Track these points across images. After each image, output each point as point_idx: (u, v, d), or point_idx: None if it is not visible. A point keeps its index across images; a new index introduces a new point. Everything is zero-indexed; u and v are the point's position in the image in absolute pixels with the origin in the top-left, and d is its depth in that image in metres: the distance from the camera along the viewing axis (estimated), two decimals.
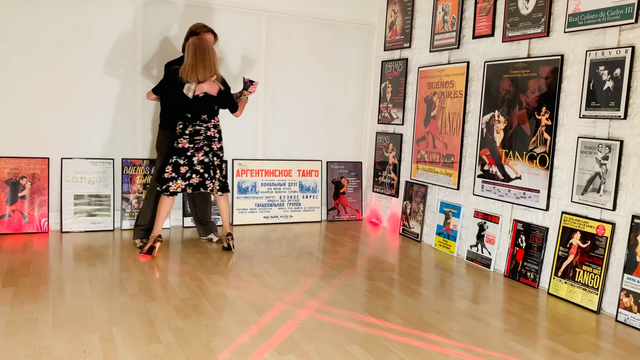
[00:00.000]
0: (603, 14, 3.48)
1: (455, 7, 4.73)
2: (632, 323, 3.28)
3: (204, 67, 4.15)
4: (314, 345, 2.80)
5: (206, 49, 4.17)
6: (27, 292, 3.31)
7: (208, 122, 4.29)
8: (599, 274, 3.47)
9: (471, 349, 2.86)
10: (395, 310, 3.34)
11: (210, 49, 4.20)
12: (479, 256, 4.43)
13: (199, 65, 4.14)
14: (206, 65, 4.16)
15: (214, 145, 4.32)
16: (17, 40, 4.61)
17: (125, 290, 3.44)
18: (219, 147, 4.36)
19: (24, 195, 4.71)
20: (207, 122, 4.28)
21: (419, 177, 5.20)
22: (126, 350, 2.63)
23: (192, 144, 4.24)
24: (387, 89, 5.70)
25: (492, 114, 4.35)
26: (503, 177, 4.25)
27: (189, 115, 4.24)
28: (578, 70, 3.69)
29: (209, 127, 4.29)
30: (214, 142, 4.32)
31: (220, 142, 4.38)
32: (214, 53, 4.22)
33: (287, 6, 5.51)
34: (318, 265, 4.21)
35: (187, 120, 4.25)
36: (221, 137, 4.39)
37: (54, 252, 4.22)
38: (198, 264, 4.06)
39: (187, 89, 4.12)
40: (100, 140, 4.98)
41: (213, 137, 4.31)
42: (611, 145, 3.45)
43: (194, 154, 4.24)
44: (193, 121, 4.24)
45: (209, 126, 4.29)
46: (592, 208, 3.59)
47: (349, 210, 5.96)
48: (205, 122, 4.27)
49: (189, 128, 4.24)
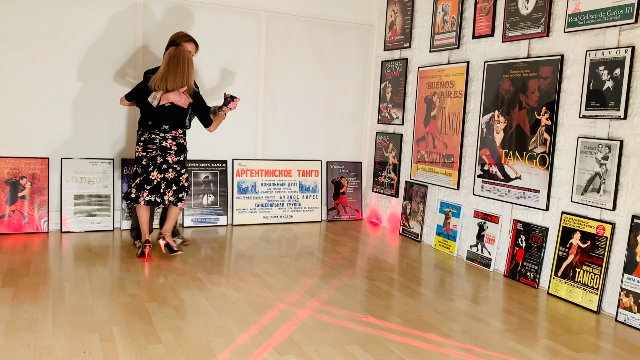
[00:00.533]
0: (603, 14, 3.48)
1: (455, 7, 4.73)
2: (632, 323, 3.28)
3: (175, 77, 4.05)
4: (314, 345, 2.80)
5: (180, 60, 4.07)
6: (27, 292, 3.31)
7: (167, 133, 4.12)
8: (599, 274, 3.47)
9: (471, 349, 2.86)
10: (395, 310, 3.34)
11: (185, 59, 4.10)
12: (479, 256, 4.43)
13: (170, 75, 4.04)
14: (177, 75, 4.05)
15: (169, 157, 4.12)
16: (16, 40, 4.61)
17: (125, 290, 3.44)
18: (176, 161, 4.15)
19: (23, 195, 4.71)
20: (166, 132, 4.11)
21: (418, 177, 5.20)
22: (126, 350, 2.63)
23: (145, 152, 4.13)
24: (387, 89, 5.70)
25: (492, 114, 4.35)
26: (503, 177, 4.25)
27: (150, 123, 4.12)
28: (578, 70, 3.69)
29: (167, 137, 4.12)
30: (170, 154, 4.12)
31: (179, 156, 4.16)
32: (189, 64, 4.12)
33: (287, 6, 5.51)
34: (318, 266, 4.21)
35: (146, 127, 4.13)
36: (181, 151, 4.17)
37: (54, 252, 4.22)
38: (198, 264, 4.06)
39: (153, 97, 4.02)
40: (100, 141, 4.98)
41: (169, 149, 4.12)
42: (611, 145, 3.45)
43: (149, 164, 4.12)
44: (151, 129, 4.11)
45: (167, 137, 4.12)
46: (592, 208, 3.59)
47: (349, 210, 5.96)
48: (164, 132, 4.11)
49: (144, 135, 4.13)
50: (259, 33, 5.45)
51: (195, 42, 4.38)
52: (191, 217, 5.26)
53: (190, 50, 4.27)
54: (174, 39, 4.30)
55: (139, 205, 4.19)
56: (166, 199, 4.15)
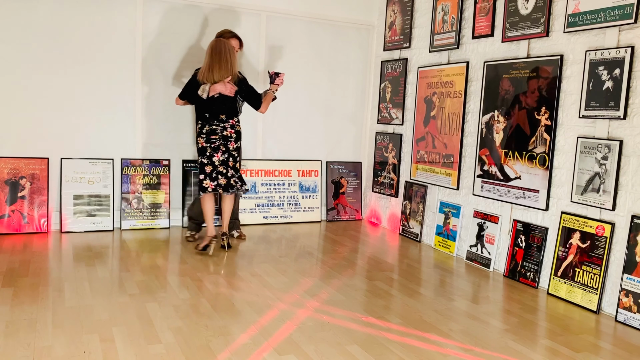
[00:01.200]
0: (602, 14, 3.48)
1: (454, 7, 4.73)
2: (631, 323, 3.28)
3: (219, 67, 4.25)
4: (314, 345, 2.80)
5: (222, 50, 4.26)
6: (26, 293, 3.31)
7: (225, 122, 4.34)
8: (599, 274, 3.48)
9: (471, 349, 2.86)
10: (395, 310, 3.34)
11: (227, 50, 4.28)
12: (479, 256, 4.43)
13: (215, 66, 4.24)
14: (222, 65, 4.25)
15: (230, 145, 4.37)
16: (16, 40, 4.61)
17: (125, 290, 3.44)
18: (234, 148, 4.39)
19: (23, 196, 4.71)
20: (224, 122, 4.34)
21: (418, 177, 5.20)
22: (126, 351, 2.63)
23: (208, 143, 4.33)
24: (386, 89, 5.70)
25: (492, 114, 4.35)
26: (503, 177, 4.25)
27: (207, 115, 4.33)
28: (577, 70, 3.69)
29: (226, 127, 4.34)
30: (230, 141, 4.36)
31: (237, 143, 4.41)
32: (232, 54, 4.30)
33: (287, 6, 5.51)
34: (318, 266, 4.21)
35: (205, 120, 4.34)
36: (239, 138, 4.43)
37: (54, 252, 4.22)
38: (198, 264, 4.06)
39: (202, 90, 4.24)
40: (100, 141, 4.98)
41: (229, 137, 4.36)
42: (611, 145, 3.45)
43: (213, 154, 4.33)
44: (210, 121, 4.32)
45: (226, 126, 4.35)
46: (592, 208, 3.59)
47: (349, 210, 5.96)
48: (222, 122, 4.34)
49: (205, 127, 4.33)
50: (259, 33, 5.45)
51: (240, 39, 4.59)
52: None
53: (234, 46, 4.47)
54: (219, 35, 4.51)
55: (204, 197, 4.40)
56: (231, 182, 4.38)
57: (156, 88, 5.11)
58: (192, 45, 5.19)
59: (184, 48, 5.16)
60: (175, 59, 5.14)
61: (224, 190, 4.38)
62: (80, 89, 4.85)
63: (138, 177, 5.08)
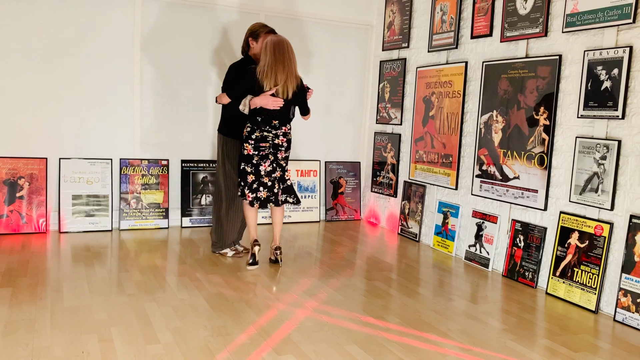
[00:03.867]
0: (601, 14, 3.48)
1: (453, 7, 4.73)
2: (630, 323, 3.28)
3: (283, 67, 3.86)
4: (313, 345, 2.80)
5: (285, 48, 3.87)
6: (25, 293, 3.30)
7: (278, 129, 3.96)
8: (597, 274, 3.48)
9: (469, 348, 2.86)
10: (393, 310, 3.34)
11: (289, 47, 3.90)
12: (477, 256, 4.43)
13: (279, 66, 3.85)
14: (285, 64, 3.86)
15: (279, 154, 4.00)
16: (14, 40, 4.60)
17: (124, 290, 3.44)
18: (283, 157, 4.04)
19: (22, 196, 4.70)
20: (277, 128, 3.95)
21: (417, 177, 5.20)
22: (124, 351, 2.62)
23: (256, 150, 3.95)
24: (385, 89, 5.70)
25: (491, 113, 4.35)
26: (501, 177, 4.25)
27: (259, 119, 3.92)
28: (576, 70, 3.70)
29: (278, 134, 3.96)
30: (280, 151, 4.00)
31: (287, 152, 4.05)
32: (293, 52, 3.93)
33: (286, 6, 5.51)
34: (316, 265, 4.21)
35: (257, 124, 3.93)
36: (289, 147, 4.06)
37: (52, 252, 4.21)
38: (196, 264, 4.06)
39: (243, 104, 3.93)
40: (99, 141, 4.97)
41: (280, 146, 3.99)
42: (609, 145, 3.45)
43: (260, 163, 3.96)
44: (262, 126, 3.92)
45: (278, 133, 3.96)
46: (590, 208, 3.60)
47: (348, 210, 5.96)
48: (275, 129, 3.95)
49: (255, 133, 3.93)
50: None
51: (275, 32, 4.19)
52: (189, 217, 5.26)
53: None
54: (253, 29, 4.18)
55: (248, 206, 4.05)
56: (278, 198, 4.04)
57: (155, 88, 5.10)
58: (191, 45, 5.18)
59: (182, 48, 5.16)
60: (174, 58, 5.14)
61: (273, 203, 4.04)
62: (79, 88, 4.85)
63: (137, 177, 5.08)
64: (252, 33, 4.19)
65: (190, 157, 5.32)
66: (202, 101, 5.30)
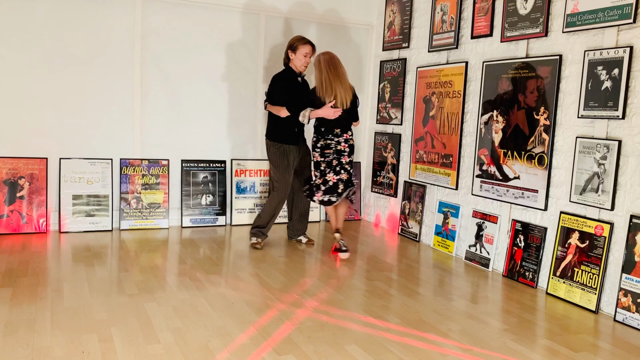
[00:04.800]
0: (601, 14, 3.48)
1: (453, 7, 4.73)
2: (630, 323, 3.28)
3: (340, 81, 4.32)
4: (313, 345, 2.80)
5: (337, 63, 4.34)
6: (25, 293, 3.31)
7: (340, 137, 4.37)
8: (597, 274, 3.48)
9: (470, 348, 2.86)
10: (394, 310, 3.34)
11: (339, 62, 4.37)
12: (478, 256, 4.43)
13: (336, 80, 4.30)
14: (341, 78, 4.32)
15: (342, 159, 4.39)
16: (15, 40, 4.60)
17: (124, 290, 3.44)
18: (347, 162, 4.42)
19: (22, 196, 4.70)
20: (339, 135, 4.37)
21: (417, 177, 5.20)
22: (125, 351, 2.62)
23: (322, 157, 4.39)
24: (385, 89, 5.70)
25: (491, 114, 4.35)
26: (501, 177, 4.25)
27: (323, 129, 4.37)
28: (576, 70, 3.70)
29: (340, 141, 4.37)
30: (344, 156, 4.39)
31: (350, 157, 4.42)
32: (343, 66, 4.40)
33: (286, 6, 5.51)
34: (317, 265, 4.21)
35: (320, 133, 4.38)
36: (352, 152, 4.44)
37: (53, 252, 4.21)
38: (197, 264, 4.06)
39: (302, 116, 4.34)
40: (99, 141, 4.97)
41: (343, 151, 4.38)
42: (609, 145, 3.45)
43: (326, 170, 4.39)
44: (325, 135, 4.37)
45: (340, 140, 4.37)
46: (591, 208, 3.60)
47: (348, 210, 5.96)
48: (337, 137, 4.37)
49: (320, 142, 4.38)
50: (257, 33, 5.45)
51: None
52: (190, 217, 5.26)
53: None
54: (292, 44, 4.53)
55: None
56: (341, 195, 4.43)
57: (155, 88, 5.10)
58: (191, 45, 5.19)
59: (183, 47, 5.16)
60: (174, 58, 5.14)
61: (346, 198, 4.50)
62: (79, 88, 4.85)
63: (137, 177, 5.08)
64: (291, 46, 4.55)
65: (190, 157, 5.32)
66: (202, 101, 5.30)
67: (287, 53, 4.58)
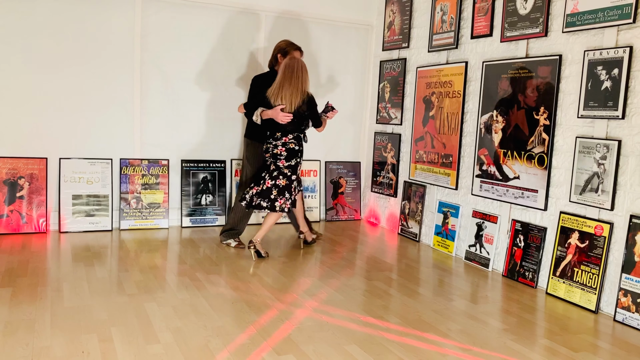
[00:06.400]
0: (601, 14, 3.48)
1: (453, 7, 4.73)
2: (630, 322, 3.28)
3: (290, 84, 4.25)
4: (313, 345, 2.80)
5: (295, 69, 4.28)
6: (25, 293, 3.31)
7: (278, 140, 4.33)
8: (597, 274, 3.48)
9: (470, 348, 2.86)
10: (393, 310, 3.34)
11: (300, 68, 4.29)
12: (478, 256, 4.43)
13: (286, 84, 4.26)
14: (292, 82, 4.25)
15: (280, 162, 4.33)
16: (14, 40, 4.60)
17: (124, 290, 3.44)
18: (285, 166, 4.33)
19: (22, 196, 4.70)
20: (278, 139, 4.34)
21: (417, 177, 5.20)
22: (124, 351, 2.63)
23: (265, 160, 4.46)
24: (385, 89, 5.70)
25: (491, 113, 4.35)
26: (501, 177, 4.25)
27: (268, 133, 4.41)
28: (576, 70, 3.70)
29: (277, 144, 4.33)
30: (280, 159, 4.33)
31: (289, 161, 4.32)
32: (304, 72, 4.31)
33: (286, 6, 5.51)
34: (316, 265, 4.21)
35: (266, 137, 4.44)
36: (290, 156, 4.32)
37: (52, 252, 4.21)
38: (196, 264, 4.06)
39: (256, 115, 4.33)
40: (99, 140, 4.97)
41: (279, 155, 4.33)
42: (609, 145, 3.45)
43: (264, 173, 4.41)
44: (268, 138, 4.40)
45: (277, 144, 4.33)
46: (590, 208, 3.60)
47: (348, 210, 5.96)
48: (275, 140, 4.34)
49: (264, 145, 4.44)
50: (258, 33, 5.45)
51: (301, 49, 4.58)
52: (190, 217, 5.26)
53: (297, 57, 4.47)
54: (282, 47, 4.54)
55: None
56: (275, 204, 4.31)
57: (155, 88, 5.10)
58: (190, 45, 5.19)
59: (182, 47, 5.16)
60: (174, 58, 5.14)
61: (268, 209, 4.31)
62: (79, 88, 4.85)
63: (137, 177, 5.08)
64: (281, 50, 4.54)
65: (190, 157, 5.32)
66: (202, 101, 5.30)
67: (277, 56, 4.55)
